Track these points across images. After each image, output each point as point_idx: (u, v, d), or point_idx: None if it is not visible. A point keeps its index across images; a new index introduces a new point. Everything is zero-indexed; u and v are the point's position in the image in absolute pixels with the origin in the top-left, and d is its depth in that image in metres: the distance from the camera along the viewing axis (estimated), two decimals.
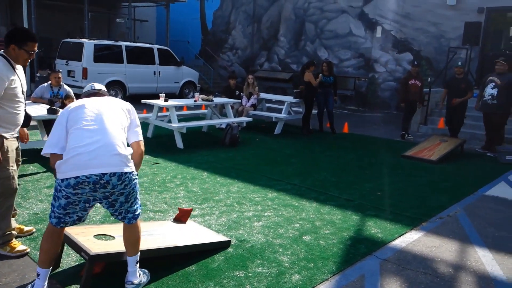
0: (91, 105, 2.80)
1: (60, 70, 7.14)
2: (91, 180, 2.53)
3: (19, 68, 3.30)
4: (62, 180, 2.56)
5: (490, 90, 7.51)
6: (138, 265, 2.88)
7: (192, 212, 4.36)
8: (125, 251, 2.93)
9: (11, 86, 3.14)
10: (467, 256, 3.67)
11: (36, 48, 3.26)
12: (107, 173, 2.54)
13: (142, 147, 2.95)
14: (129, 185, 2.68)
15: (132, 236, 2.82)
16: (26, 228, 3.67)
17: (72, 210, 2.66)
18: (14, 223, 3.43)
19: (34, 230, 3.71)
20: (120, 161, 2.62)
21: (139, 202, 2.89)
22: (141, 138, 2.98)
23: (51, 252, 2.71)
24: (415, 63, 9.19)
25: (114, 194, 2.65)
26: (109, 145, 2.61)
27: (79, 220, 2.74)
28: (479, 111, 7.96)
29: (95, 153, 2.55)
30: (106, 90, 3.21)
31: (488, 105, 7.58)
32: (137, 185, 2.81)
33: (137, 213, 2.83)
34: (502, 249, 3.83)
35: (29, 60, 3.29)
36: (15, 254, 3.29)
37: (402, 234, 4.05)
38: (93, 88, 3.11)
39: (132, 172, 2.70)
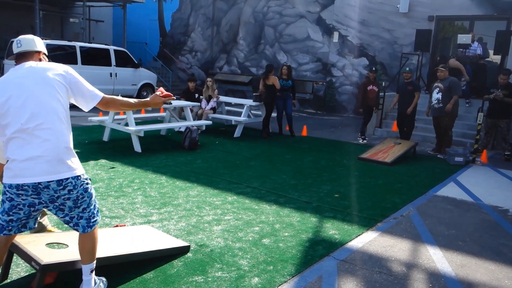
0: (18, 92, 2.45)
1: None
2: (30, 185, 2.42)
3: None
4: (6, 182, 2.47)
5: (435, 95, 7.95)
6: (93, 273, 2.76)
7: (150, 217, 4.28)
8: (79, 259, 2.83)
9: None
10: (419, 254, 3.82)
11: None
12: (41, 182, 2.43)
13: (112, 97, 2.77)
14: (75, 190, 2.53)
15: (87, 244, 2.69)
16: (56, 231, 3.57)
17: (16, 217, 2.51)
18: None
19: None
20: (58, 167, 2.46)
21: (96, 209, 2.73)
22: (101, 94, 2.71)
23: None
24: (373, 69, 9.35)
25: (60, 199, 2.51)
26: (46, 150, 2.43)
27: (24, 227, 2.60)
28: (429, 116, 8.34)
29: (31, 163, 2.41)
30: (37, 43, 2.75)
31: (435, 109, 7.99)
32: (90, 190, 2.66)
33: (92, 220, 2.68)
34: (451, 246, 4.02)
35: None
36: None
37: (359, 235, 4.16)
38: (19, 46, 2.66)
39: (78, 176, 2.55)
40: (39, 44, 2.76)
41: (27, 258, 2.75)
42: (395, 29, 12.92)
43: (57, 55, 11.77)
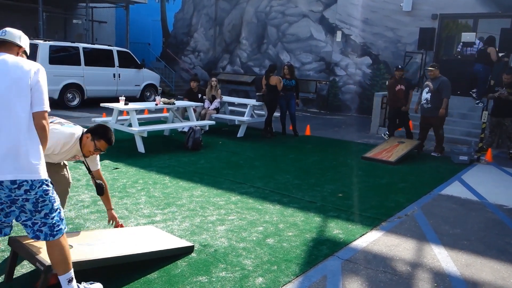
0: None
1: None
2: None
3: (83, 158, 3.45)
4: None
5: (425, 95, 7.94)
6: (73, 282, 2.64)
7: (154, 218, 4.28)
8: (85, 259, 2.84)
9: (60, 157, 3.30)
10: (424, 253, 3.80)
11: (103, 150, 3.39)
12: None
13: (44, 120, 2.46)
14: (33, 191, 2.39)
15: (55, 254, 2.55)
16: None
17: None
18: None
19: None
20: (16, 167, 2.33)
21: (61, 218, 2.58)
22: (45, 107, 2.49)
23: None
24: (399, 66, 9.05)
25: (19, 200, 2.39)
26: (4, 147, 2.32)
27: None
28: (418, 114, 8.31)
29: None
30: (22, 39, 2.72)
31: (424, 109, 7.99)
32: (51, 196, 2.50)
33: (56, 229, 2.52)
34: (456, 246, 4.00)
35: (92, 154, 3.41)
36: None
37: (363, 234, 4.15)
38: (3, 34, 2.61)
39: (35, 180, 2.39)
40: (24, 41, 2.73)
41: (32, 259, 2.75)
42: (398, 27, 12.87)
43: (61, 56, 11.82)
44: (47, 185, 2.49)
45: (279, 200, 5.07)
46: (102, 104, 8.20)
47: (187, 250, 3.53)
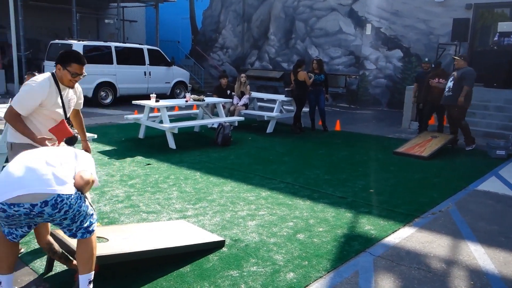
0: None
1: (35, 73, 6.83)
2: (21, 212, 2.31)
3: (68, 91, 3.33)
4: None
5: (449, 83, 7.83)
6: (91, 285, 2.65)
7: (185, 212, 4.35)
8: (121, 252, 2.91)
9: (48, 106, 3.15)
10: (459, 250, 3.70)
11: (81, 72, 3.22)
12: (36, 204, 2.30)
13: (86, 177, 2.59)
14: (70, 210, 2.43)
15: (85, 253, 2.61)
16: None
17: (15, 227, 2.50)
18: None
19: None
20: (47, 182, 2.36)
21: (93, 218, 2.67)
22: (86, 167, 2.66)
23: (9, 259, 2.59)
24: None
25: (56, 220, 2.46)
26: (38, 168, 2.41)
27: (22, 237, 2.58)
28: (442, 104, 8.08)
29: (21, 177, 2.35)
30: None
31: (445, 97, 7.84)
32: (84, 204, 2.56)
33: (90, 229, 2.62)
34: (494, 243, 3.87)
35: (74, 83, 3.27)
36: None
37: (395, 231, 4.08)
38: None
39: (71, 195, 2.42)
40: None
41: (70, 251, 2.86)
42: (430, 19, 12.52)
43: (94, 55, 12.13)
44: (79, 197, 2.51)
45: (309, 195, 5.05)
46: (134, 102, 8.37)
47: (218, 245, 3.58)
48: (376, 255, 3.57)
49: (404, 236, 3.97)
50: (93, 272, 2.65)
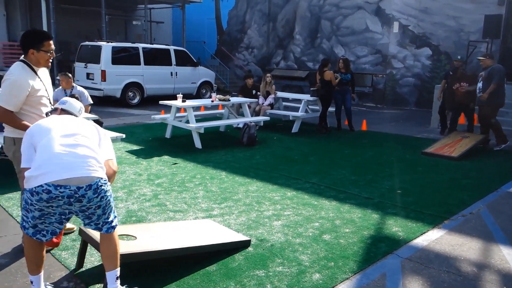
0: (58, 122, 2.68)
1: (69, 74, 6.98)
2: (65, 194, 2.38)
3: (43, 72, 3.29)
4: (32, 194, 2.38)
5: (478, 84, 7.71)
6: (119, 281, 2.68)
7: (211, 212, 4.38)
8: (149, 250, 2.96)
9: (34, 93, 3.12)
10: (491, 254, 3.60)
11: (53, 46, 3.18)
12: (82, 187, 2.40)
13: (114, 166, 2.75)
14: (105, 197, 2.53)
15: (110, 248, 2.65)
16: (68, 225, 3.70)
17: (48, 220, 2.53)
18: None
19: (75, 228, 3.77)
20: (91, 167, 2.47)
21: (115, 213, 2.74)
22: (112, 156, 2.78)
23: (37, 260, 2.65)
24: (459, 57, 9.02)
25: (91, 208, 2.51)
26: (80, 155, 2.49)
27: (54, 234, 2.62)
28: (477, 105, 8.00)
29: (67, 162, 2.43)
30: (78, 109, 3.03)
31: (478, 98, 7.72)
32: (111, 195, 2.66)
33: (114, 224, 2.67)
34: None
35: (51, 60, 3.23)
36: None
37: (424, 233, 4.00)
38: (63, 104, 2.96)
39: (106, 180, 2.56)
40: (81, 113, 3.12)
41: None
42: (461, 15, 12.19)
43: (122, 56, 12.38)
44: (109, 188, 2.60)
45: (335, 196, 5.01)
46: (161, 102, 8.50)
47: (244, 244, 3.59)
48: (404, 257, 3.50)
49: (433, 238, 3.89)
50: (119, 268, 2.68)
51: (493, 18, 10.82)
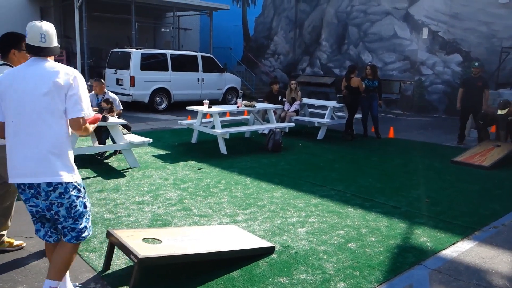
0: (16, 89, 2.42)
1: (102, 80, 7.23)
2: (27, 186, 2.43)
3: None
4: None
5: None
6: None
7: (236, 217, 4.39)
8: (174, 254, 2.98)
9: None
10: None
11: None
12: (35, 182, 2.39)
13: (84, 124, 2.50)
14: (67, 195, 2.46)
15: (62, 257, 2.54)
16: (15, 242, 3.57)
17: (39, 224, 2.59)
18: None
19: (24, 244, 3.60)
20: (50, 168, 2.41)
21: (89, 225, 2.62)
22: (82, 114, 2.46)
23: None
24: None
25: (54, 205, 2.45)
26: (36, 151, 2.41)
27: (58, 235, 2.62)
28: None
29: (23, 163, 2.41)
30: (54, 47, 2.54)
31: None
32: (83, 201, 2.57)
33: (83, 234, 2.56)
34: None
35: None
36: (14, 248, 3.50)
37: (453, 244, 3.89)
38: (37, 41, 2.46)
39: (70, 182, 2.48)
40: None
41: (127, 251, 2.97)
42: (493, 21, 11.88)
43: (150, 63, 12.62)
44: (79, 190, 2.56)
45: (361, 204, 4.94)
46: (187, 107, 8.61)
47: (268, 251, 3.58)
48: (432, 268, 3.41)
49: (463, 249, 3.78)
50: (59, 283, 2.57)
51: None
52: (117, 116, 6.82)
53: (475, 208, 4.88)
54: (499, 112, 7.55)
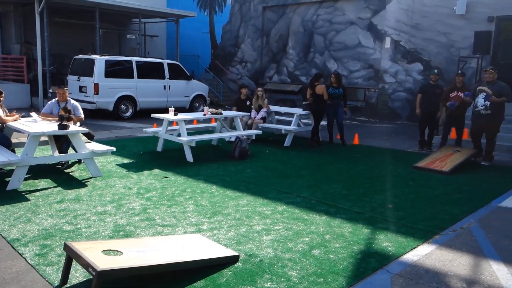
0: None
1: (65, 87, 7.04)
2: None
3: None
4: None
5: (482, 101, 7.43)
6: None
7: (201, 226, 4.34)
8: (135, 266, 2.90)
9: None
10: (482, 270, 3.58)
11: None
12: None
13: None
14: None
15: None
16: None
17: None
18: None
19: None
20: None
21: None
22: None
23: None
24: (459, 72, 8.84)
25: None
26: None
27: None
28: (471, 121, 7.85)
29: None
30: None
31: (482, 116, 7.47)
32: None
33: None
34: None
35: None
36: None
37: (414, 248, 3.98)
38: None
39: None
40: None
41: (85, 264, 2.87)
42: (451, 32, 12.36)
43: (115, 70, 12.38)
44: None
45: (326, 210, 4.98)
46: (153, 115, 8.48)
47: (233, 260, 3.55)
48: (394, 272, 3.47)
49: (423, 253, 3.87)
50: None
51: (483, 34, 10.97)
52: (78, 124, 6.64)
53: (436, 212, 5.02)
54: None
